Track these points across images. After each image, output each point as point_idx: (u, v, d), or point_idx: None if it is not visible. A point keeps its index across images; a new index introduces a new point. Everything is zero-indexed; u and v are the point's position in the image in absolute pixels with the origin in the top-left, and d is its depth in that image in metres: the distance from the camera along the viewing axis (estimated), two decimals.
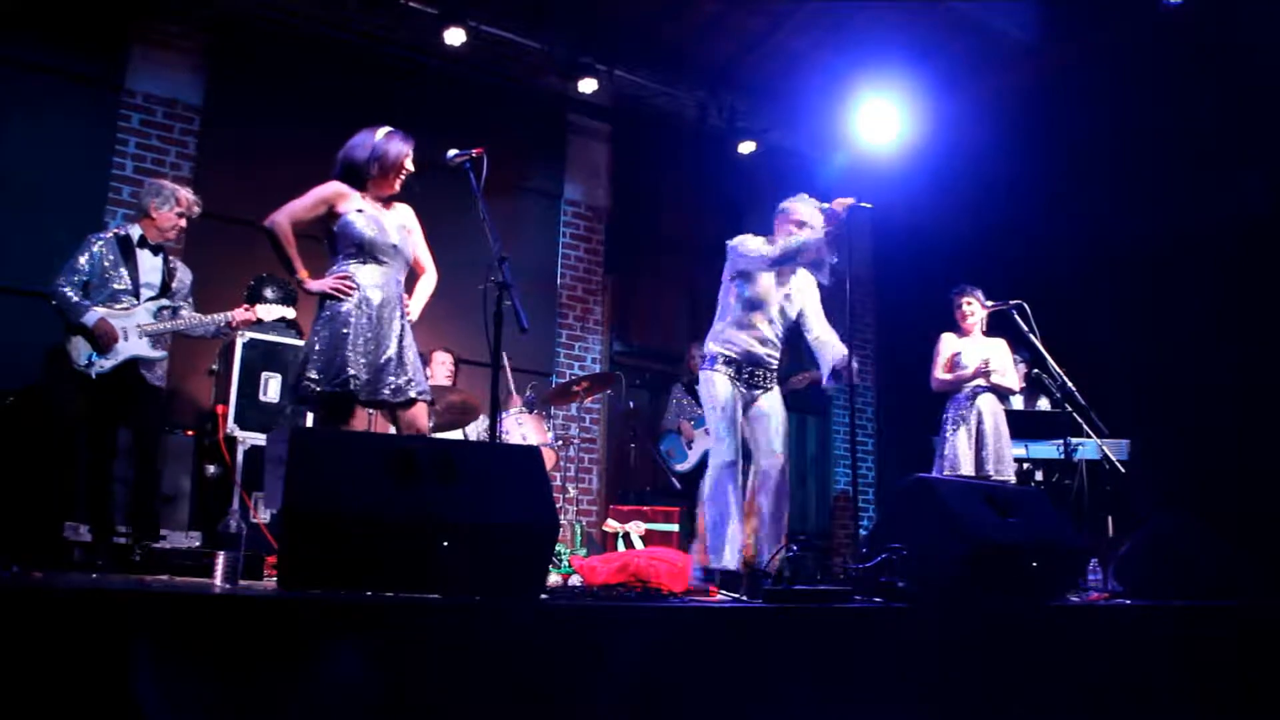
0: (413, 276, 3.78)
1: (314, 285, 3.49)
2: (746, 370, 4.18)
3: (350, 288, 3.46)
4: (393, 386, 3.48)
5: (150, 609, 1.85)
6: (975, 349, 5.38)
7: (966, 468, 5.18)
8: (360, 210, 3.53)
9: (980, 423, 5.24)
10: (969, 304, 5.44)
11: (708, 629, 2.55)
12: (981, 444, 5.22)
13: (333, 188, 3.54)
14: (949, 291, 5.56)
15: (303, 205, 3.48)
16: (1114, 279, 7.07)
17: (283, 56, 6.21)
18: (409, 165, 3.64)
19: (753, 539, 4.00)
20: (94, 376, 4.16)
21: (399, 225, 3.65)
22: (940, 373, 5.41)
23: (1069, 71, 6.83)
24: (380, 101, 6.52)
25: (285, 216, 3.45)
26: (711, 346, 4.22)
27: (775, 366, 4.29)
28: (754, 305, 4.21)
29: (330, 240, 3.56)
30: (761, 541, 3.99)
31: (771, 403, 4.23)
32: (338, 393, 3.41)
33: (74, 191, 5.53)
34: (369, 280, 3.51)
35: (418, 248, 3.76)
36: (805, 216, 4.20)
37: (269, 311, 4.67)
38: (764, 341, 4.22)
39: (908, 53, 6.90)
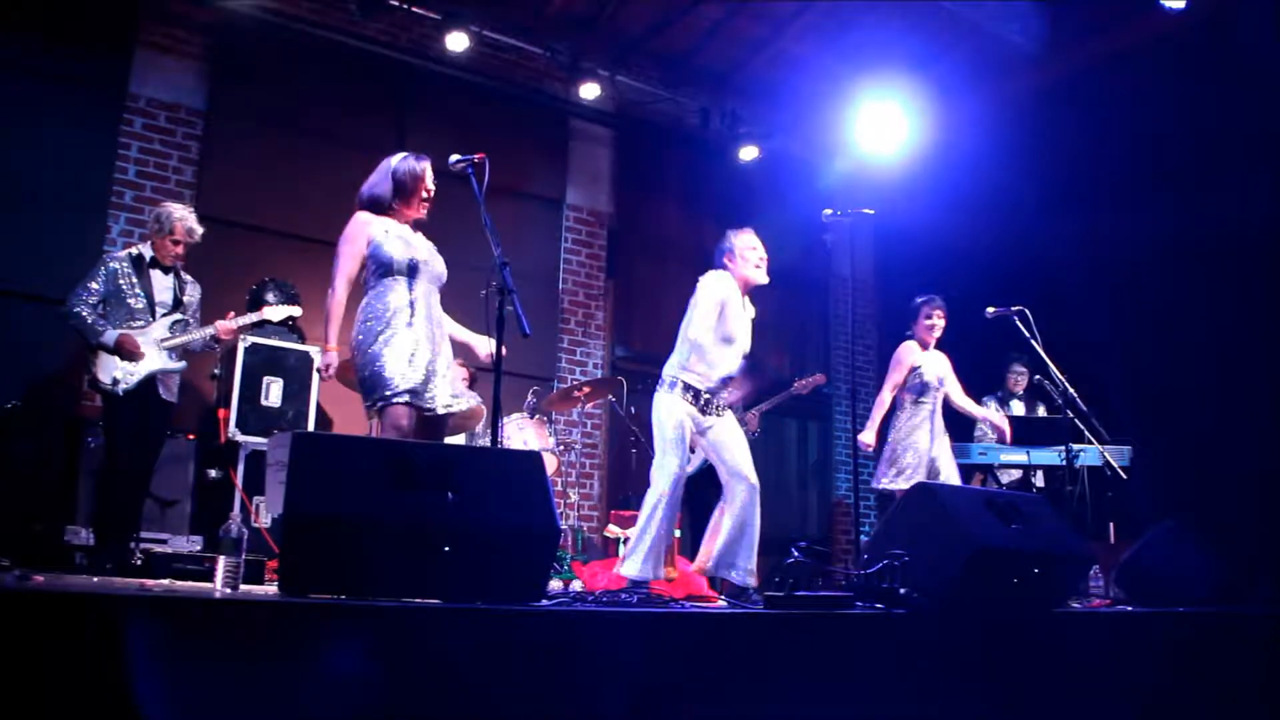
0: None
1: (324, 359, 3.47)
2: (704, 398, 4.10)
3: (326, 378, 3.47)
4: (431, 400, 3.46)
5: (151, 613, 1.85)
6: (932, 364, 5.34)
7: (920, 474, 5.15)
8: (387, 231, 3.50)
9: (932, 433, 5.22)
10: (939, 315, 5.35)
11: (709, 635, 2.55)
12: (930, 453, 5.20)
13: (359, 219, 3.52)
14: (947, 296, 5.50)
15: (348, 258, 3.47)
16: (1116, 285, 7.06)
17: (286, 62, 6.22)
18: (429, 184, 3.60)
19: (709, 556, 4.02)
20: (121, 394, 4.29)
21: (430, 246, 3.63)
22: (893, 386, 5.28)
23: (1071, 78, 6.83)
24: (383, 107, 6.57)
25: (343, 283, 3.46)
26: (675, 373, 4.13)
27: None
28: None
29: (363, 267, 3.51)
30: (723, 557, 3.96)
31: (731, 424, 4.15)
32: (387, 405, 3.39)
33: (76, 195, 5.53)
34: (400, 300, 3.44)
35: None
36: (750, 245, 4.24)
37: (276, 312, 4.77)
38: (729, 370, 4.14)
39: (910, 59, 6.91)
